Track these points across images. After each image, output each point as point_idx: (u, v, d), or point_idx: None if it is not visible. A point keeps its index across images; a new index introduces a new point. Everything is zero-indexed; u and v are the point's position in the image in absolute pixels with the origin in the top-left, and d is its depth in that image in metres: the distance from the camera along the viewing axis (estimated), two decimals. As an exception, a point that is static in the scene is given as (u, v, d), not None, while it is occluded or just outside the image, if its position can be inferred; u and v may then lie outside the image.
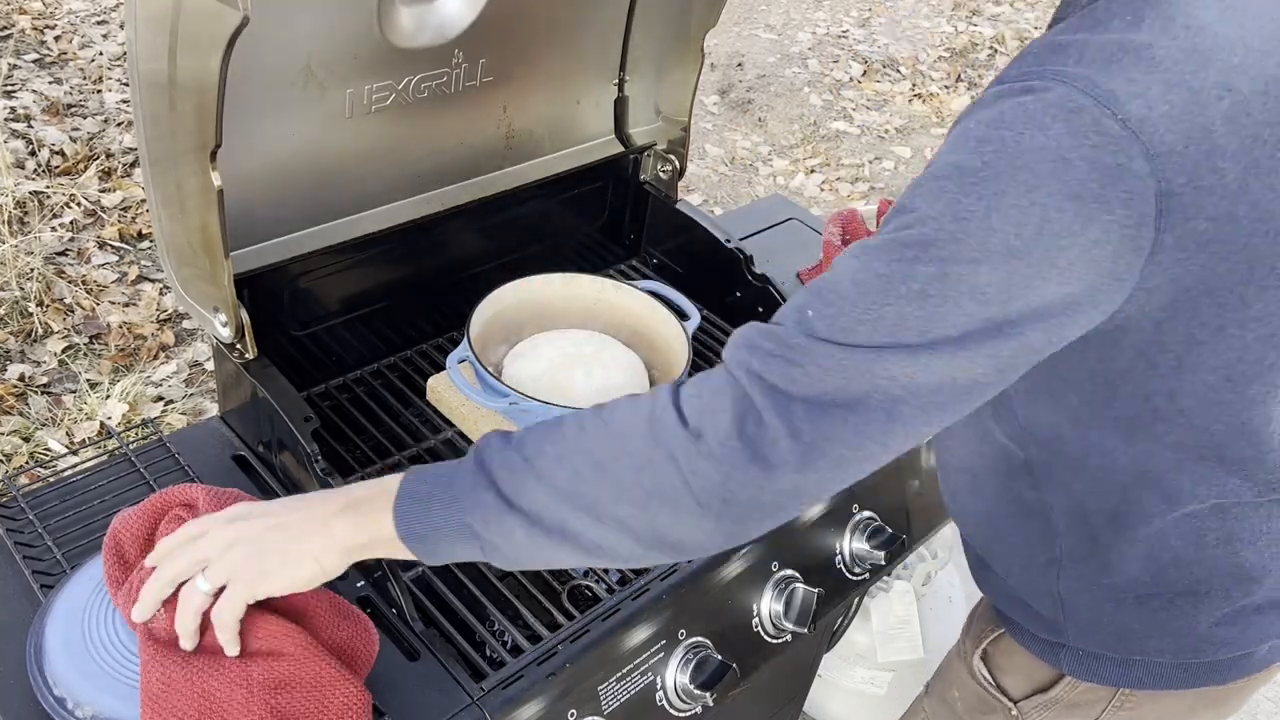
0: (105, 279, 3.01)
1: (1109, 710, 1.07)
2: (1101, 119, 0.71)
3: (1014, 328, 0.74)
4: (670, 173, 1.64)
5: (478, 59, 1.32)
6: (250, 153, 1.17)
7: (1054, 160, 0.71)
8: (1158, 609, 0.99)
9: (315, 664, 0.90)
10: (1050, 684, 1.10)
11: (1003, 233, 0.72)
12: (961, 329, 0.73)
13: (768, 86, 4.74)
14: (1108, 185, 0.71)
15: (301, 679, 0.89)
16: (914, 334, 0.74)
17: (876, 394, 0.75)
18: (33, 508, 1.15)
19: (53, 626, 0.95)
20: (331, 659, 0.91)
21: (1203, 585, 0.97)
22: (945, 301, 0.73)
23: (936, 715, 1.27)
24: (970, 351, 0.74)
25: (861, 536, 1.33)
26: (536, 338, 1.40)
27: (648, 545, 0.80)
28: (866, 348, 0.74)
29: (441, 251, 1.43)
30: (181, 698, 0.85)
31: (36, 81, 3.75)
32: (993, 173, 0.72)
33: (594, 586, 1.17)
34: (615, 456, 0.80)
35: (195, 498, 0.96)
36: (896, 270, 0.74)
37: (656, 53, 1.57)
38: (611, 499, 0.79)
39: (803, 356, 0.76)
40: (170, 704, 0.85)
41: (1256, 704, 2.44)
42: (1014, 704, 1.14)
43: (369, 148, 1.29)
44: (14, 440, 2.47)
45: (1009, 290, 0.73)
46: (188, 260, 1.14)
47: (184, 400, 2.67)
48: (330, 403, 1.36)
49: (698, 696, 1.13)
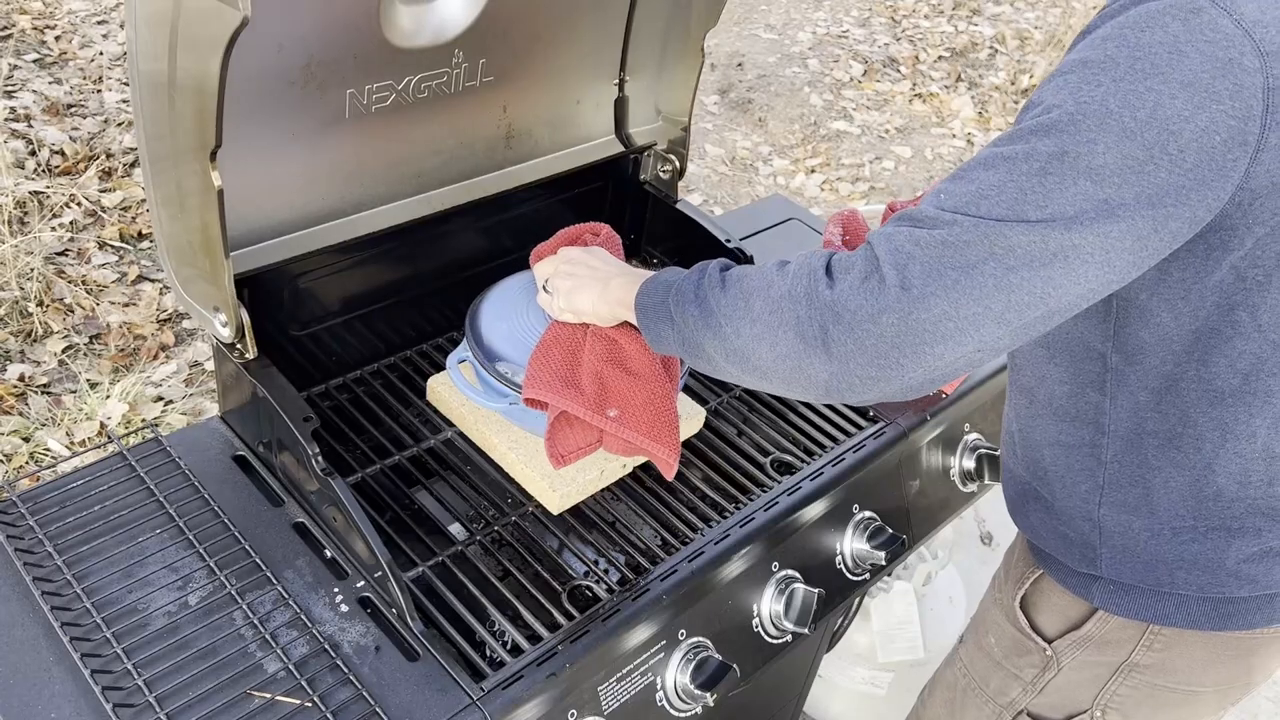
0: (105, 279, 3.01)
1: (1139, 649, 1.10)
2: (1218, 18, 0.78)
3: (1126, 210, 0.80)
4: (670, 172, 1.64)
5: (478, 59, 1.32)
6: (250, 153, 1.16)
7: (1170, 52, 0.78)
8: (1190, 541, 1.03)
9: (659, 384, 1.19)
10: (1083, 620, 1.13)
11: (1119, 115, 0.78)
12: (1077, 206, 0.80)
13: (768, 86, 4.73)
14: (1218, 77, 0.78)
15: (640, 374, 1.19)
16: (1033, 208, 0.80)
17: (991, 261, 0.81)
18: (31, 512, 1.15)
19: (488, 321, 1.29)
20: (670, 410, 1.19)
21: (1236, 522, 1.02)
22: (1064, 179, 0.79)
23: (974, 662, 1.30)
24: (1083, 229, 0.80)
25: (862, 536, 1.33)
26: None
27: (775, 365, 0.92)
28: (989, 219, 0.81)
29: (441, 251, 1.43)
30: (555, 343, 1.20)
31: (36, 81, 3.75)
32: (1113, 63, 0.80)
33: (594, 587, 1.17)
34: (766, 287, 0.93)
35: (600, 229, 1.33)
36: (1020, 150, 0.82)
37: (657, 53, 1.57)
38: (757, 315, 0.93)
39: (930, 223, 0.84)
40: (545, 345, 1.20)
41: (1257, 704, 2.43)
42: (1048, 644, 1.17)
43: (369, 148, 1.29)
44: (14, 440, 2.47)
45: (1123, 172, 0.79)
46: (188, 260, 1.14)
47: (184, 400, 2.66)
48: (330, 403, 1.36)
49: (698, 696, 1.13)
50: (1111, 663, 1.13)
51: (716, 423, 1.41)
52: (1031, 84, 5.02)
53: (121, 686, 0.99)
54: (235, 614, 1.08)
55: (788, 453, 1.38)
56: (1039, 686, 1.20)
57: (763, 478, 1.34)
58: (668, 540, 1.24)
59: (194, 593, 1.09)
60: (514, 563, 1.21)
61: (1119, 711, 1.16)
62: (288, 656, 1.03)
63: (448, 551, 1.18)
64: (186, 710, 0.98)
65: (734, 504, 1.29)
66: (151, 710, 0.97)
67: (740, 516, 1.24)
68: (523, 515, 1.25)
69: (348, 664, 1.04)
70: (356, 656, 1.05)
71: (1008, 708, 1.25)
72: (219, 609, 1.08)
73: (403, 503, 1.25)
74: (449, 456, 1.31)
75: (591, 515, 1.26)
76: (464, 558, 1.19)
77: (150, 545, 1.14)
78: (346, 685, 1.02)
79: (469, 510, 1.27)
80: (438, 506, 1.29)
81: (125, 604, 1.07)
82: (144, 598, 1.08)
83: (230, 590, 1.09)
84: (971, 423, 1.52)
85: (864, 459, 1.36)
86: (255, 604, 1.09)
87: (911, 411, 1.44)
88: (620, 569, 1.20)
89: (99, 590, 1.08)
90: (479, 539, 1.21)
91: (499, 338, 1.25)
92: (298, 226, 1.28)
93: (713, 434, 1.39)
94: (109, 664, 1.01)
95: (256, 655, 1.04)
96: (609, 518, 1.26)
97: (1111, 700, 1.15)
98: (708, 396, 1.45)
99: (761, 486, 1.32)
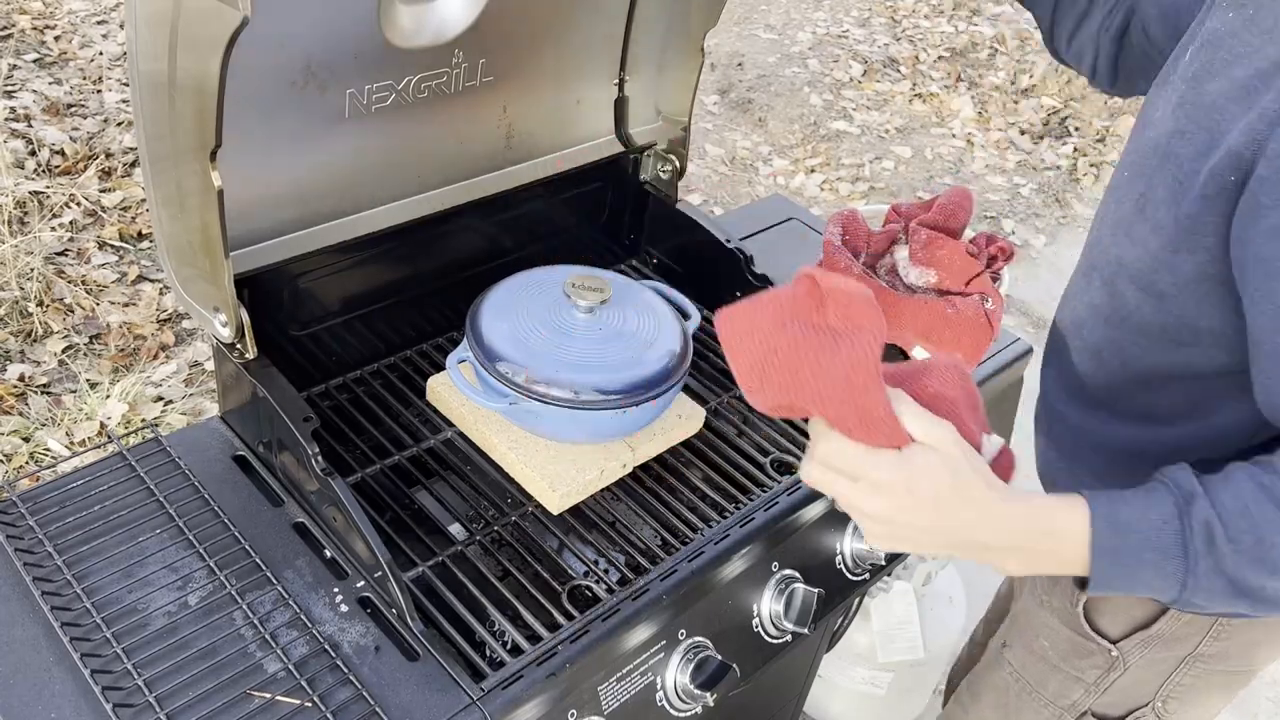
0: (105, 279, 3.01)
1: (1205, 640, 1.09)
2: None
3: None
4: (670, 173, 1.64)
5: (478, 59, 1.32)
6: (250, 152, 1.16)
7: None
8: None
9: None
10: (1152, 620, 1.11)
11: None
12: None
13: (768, 86, 4.73)
14: None
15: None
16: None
17: None
18: (31, 512, 1.15)
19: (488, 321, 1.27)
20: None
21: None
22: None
23: (1026, 666, 1.27)
24: None
25: (863, 536, 1.33)
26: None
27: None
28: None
29: (441, 251, 1.43)
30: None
31: (36, 81, 3.75)
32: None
33: (594, 587, 1.17)
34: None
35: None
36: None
37: (657, 52, 1.57)
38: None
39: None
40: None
41: (1257, 704, 2.44)
42: (1113, 644, 1.15)
43: (369, 147, 1.29)
44: (14, 440, 2.47)
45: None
46: (188, 260, 1.14)
47: (184, 400, 2.67)
48: (330, 403, 1.36)
49: (698, 696, 1.13)
50: (1178, 656, 1.12)
51: (716, 422, 1.41)
52: (1031, 84, 5.02)
53: (121, 686, 0.99)
54: (235, 614, 1.08)
55: (788, 452, 1.38)
56: (1103, 687, 1.18)
57: (763, 477, 1.34)
58: (668, 540, 1.24)
59: (194, 593, 1.09)
60: (514, 562, 1.21)
61: (1179, 700, 1.15)
62: (288, 656, 1.03)
63: (447, 551, 1.18)
64: (186, 710, 0.98)
65: (734, 504, 1.29)
66: (151, 710, 0.97)
67: (740, 516, 1.24)
68: (523, 515, 1.25)
69: (348, 664, 1.04)
70: (356, 656, 1.05)
71: (1069, 709, 1.23)
72: (219, 609, 1.08)
73: (402, 502, 1.25)
74: (449, 456, 1.31)
75: (591, 515, 1.26)
76: (464, 558, 1.19)
77: (150, 545, 1.14)
78: (346, 685, 1.02)
79: (469, 510, 1.27)
80: (437, 506, 1.29)
81: (125, 604, 1.07)
82: (144, 598, 1.08)
83: (230, 590, 1.09)
84: (971, 423, 1.52)
85: (864, 459, 1.36)
86: (255, 604, 1.09)
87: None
88: (620, 569, 1.20)
89: (99, 590, 1.08)
90: (479, 539, 1.21)
91: (499, 337, 1.25)
92: (298, 226, 1.27)
93: (712, 434, 1.39)
94: (109, 664, 1.01)
95: (256, 655, 1.04)
96: (609, 517, 1.26)
97: (1173, 691, 1.14)
98: (707, 396, 1.45)
99: (761, 486, 1.32)
